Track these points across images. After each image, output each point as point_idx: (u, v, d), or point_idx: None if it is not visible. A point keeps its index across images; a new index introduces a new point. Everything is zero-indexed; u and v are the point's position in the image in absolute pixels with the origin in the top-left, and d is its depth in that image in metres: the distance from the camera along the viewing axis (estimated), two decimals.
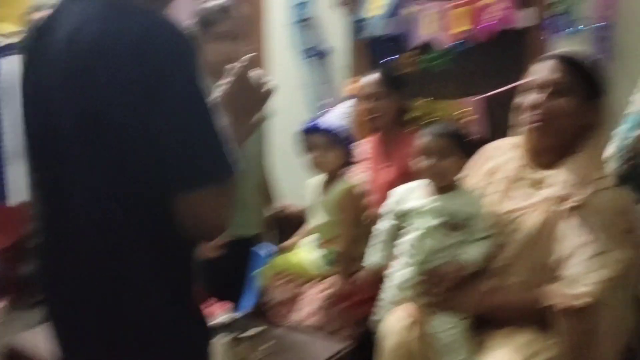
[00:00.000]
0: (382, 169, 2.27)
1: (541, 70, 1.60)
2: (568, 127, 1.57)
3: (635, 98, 1.47)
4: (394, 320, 1.66)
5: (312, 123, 2.10)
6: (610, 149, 1.49)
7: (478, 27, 2.37)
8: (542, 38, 2.24)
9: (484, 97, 2.41)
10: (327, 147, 2.04)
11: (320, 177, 2.13)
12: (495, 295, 1.57)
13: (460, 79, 2.49)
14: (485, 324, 1.62)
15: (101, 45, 0.91)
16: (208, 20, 2.04)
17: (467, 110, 2.44)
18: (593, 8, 2.13)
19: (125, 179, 0.94)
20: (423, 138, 1.70)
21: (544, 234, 1.54)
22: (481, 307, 1.58)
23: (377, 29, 2.62)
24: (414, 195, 1.73)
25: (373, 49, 2.67)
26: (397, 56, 2.56)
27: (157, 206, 0.95)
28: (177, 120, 0.91)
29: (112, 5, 0.95)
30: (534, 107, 1.59)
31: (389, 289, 1.76)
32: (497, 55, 2.40)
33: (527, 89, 1.62)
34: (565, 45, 2.18)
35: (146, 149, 0.91)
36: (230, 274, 2.18)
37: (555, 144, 1.60)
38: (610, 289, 1.45)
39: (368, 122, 2.33)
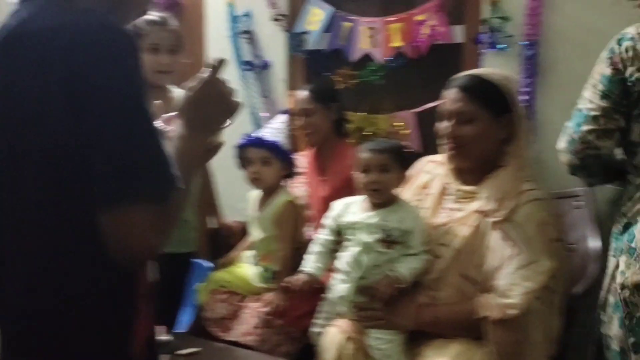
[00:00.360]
0: (318, 183, 2.28)
1: (446, 99, 1.65)
2: (483, 148, 1.63)
3: (585, 94, 1.55)
4: (333, 334, 1.67)
5: (250, 137, 2.08)
6: (561, 143, 1.56)
7: (413, 42, 2.42)
8: (476, 53, 2.31)
9: (416, 112, 2.47)
10: (264, 161, 2.03)
11: (259, 192, 2.12)
12: (432, 308, 1.60)
13: (396, 93, 2.54)
14: (420, 336, 1.65)
15: (31, 44, 0.84)
16: (139, 32, 2.01)
17: (401, 124, 2.49)
18: (521, 26, 2.21)
19: (51, 190, 0.85)
20: (362, 153, 1.72)
21: (472, 247, 1.59)
22: (419, 322, 1.60)
23: (314, 43, 2.64)
24: (352, 209, 1.75)
25: (310, 63, 2.69)
26: (333, 70, 2.58)
27: (87, 225, 0.84)
28: (110, 126, 0.81)
29: (53, 5, 0.87)
30: (445, 136, 1.64)
31: (328, 303, 1.76)
32: (432, 69, 2.45)
33: (440, 115, 1.68)
34: (496, 61, 2.26)
35: (73, 159, 0.82)
36: (164, 292, 2.14)
37: (475, 164, 1.65)
38: (536, 300, 1.51)
39: (302, 138, 2.34)
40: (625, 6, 2.07)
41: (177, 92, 2.16)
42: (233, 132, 2.18)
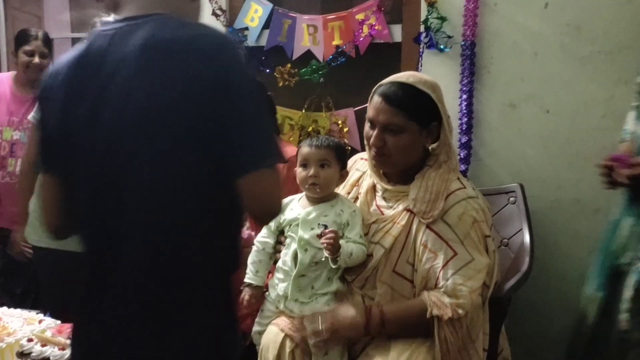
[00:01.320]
0: None
1: (373, 107, 1.62)
2: (409, 157, 1.63)
3: None
4: (272, 333, 1.65)
5: None
6: None
7: (353, 40, 2.44)
8: (416, 53, 2.34)
9: (355, 110, 2.49)
10: None
11: None
12: (379, 310, 1.57)
13: (336, 91, 2.54)
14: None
15: (179, 46, 1.03)
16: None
17: (341, 122, 2.50)
18: (459, 27, 2.25)
19: (194, 169, 1.03)
20: (302, 148, 1.71)
21: (403, 244, 1.60)
22: (368, 327, 1.56)
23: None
24: (292, 206, 1.73)
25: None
26: (274, 67, 2.56)
27: (219, 199, 1.07)
28: (245, 110, 1.03)
29: (175, 19, 1.08)
30: (371, 144, 1.63)
31: (269, 302, 1.74)
32: (372, 68, 2.47)
33: (367, 119, 1.66)
34: (435, 61, 2.30)
35: (216, 137, 1.02)
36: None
37: (402, 168, 1.65)
38: (478, 297, 1.54)
39: None
40: (556, 8, 2.15)
41: None
42: None
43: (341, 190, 1.79)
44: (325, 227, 1.64)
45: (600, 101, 2.11)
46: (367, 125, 1.66)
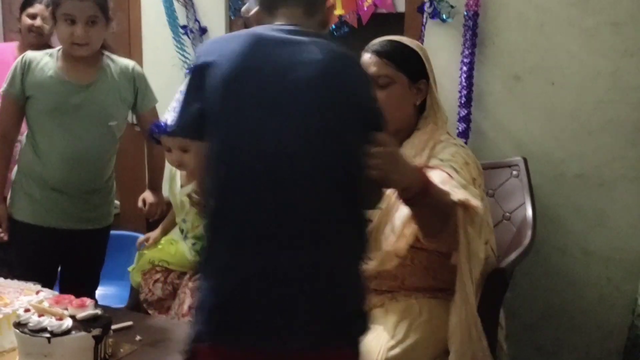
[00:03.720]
0: None
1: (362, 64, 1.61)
2: (400, 113, 1.63)
3: None
4: None
5: (158, 125, 1.92)
6: None
7: (356, 10, 2.39)
8: (419, 23, 2.29)
9: None
10: (182, 149, 1.85)
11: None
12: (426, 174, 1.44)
13: None
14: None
15: (347, 64, 1.22)
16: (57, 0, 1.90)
17: None
18: None
19: (338, 170, 1.16)
20: None
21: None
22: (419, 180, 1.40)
23: None
24: None
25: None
26: None
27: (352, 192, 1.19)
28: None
29: (331, 44, 1.22)
30: None
31: None
32: (374, 39, 2.42)
33: None
34: (438, 32, 2.26)
35: (347, 148, 1.18)
36: (88, 264, 2.07)
37: (392, 128, 1.60)
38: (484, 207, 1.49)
39: None
40: None
41: (121, 61, 2.05)
42: (170, 99, 2.11)
43: None
44: None
45: (606, 74, 2.08)
46: None
